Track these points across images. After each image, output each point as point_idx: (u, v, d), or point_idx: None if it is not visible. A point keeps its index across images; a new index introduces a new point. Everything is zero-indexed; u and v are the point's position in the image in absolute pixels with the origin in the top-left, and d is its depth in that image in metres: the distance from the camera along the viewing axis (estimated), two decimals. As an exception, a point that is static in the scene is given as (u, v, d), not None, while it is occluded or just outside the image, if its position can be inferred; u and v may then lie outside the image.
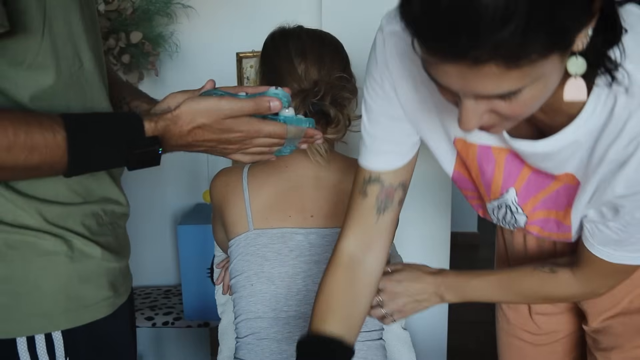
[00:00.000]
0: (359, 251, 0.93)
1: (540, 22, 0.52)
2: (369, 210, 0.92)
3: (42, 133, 0.66)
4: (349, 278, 0.94)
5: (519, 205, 0.89)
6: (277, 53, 1.11)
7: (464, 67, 0.57)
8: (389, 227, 0.94)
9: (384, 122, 0.87)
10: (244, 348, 1.10)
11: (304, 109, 1.05)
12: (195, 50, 2.06)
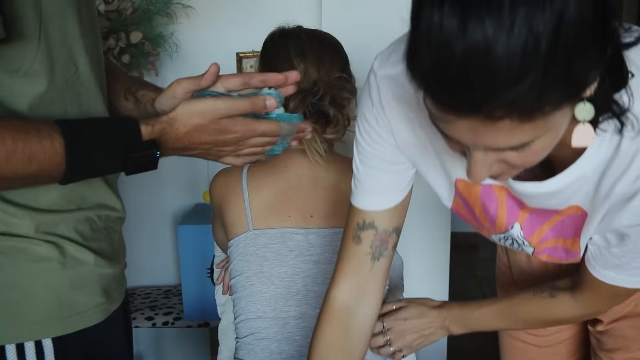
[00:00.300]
0: (352, 299, 0.92)
1: (556, 77, 0.51)
2: (364, 257, 0.90)
3: (40, 141, 0.65)
4: (344, 328, 0.92)
5: (525, 239, 0.89)
6: (276, 53, 1.11)
7: (476, 121, 0.55)
8: (384, 272, 0.93)
9: (379, 165, 0.86)
10: (244, 348, 1.10)
11: (303, 108, 1.05)
12: (195, 50, 2.06)
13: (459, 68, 0.51)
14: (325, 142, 1.09)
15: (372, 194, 0.88)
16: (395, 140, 0.82)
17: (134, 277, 2.24)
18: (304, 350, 1.07)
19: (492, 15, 0.48)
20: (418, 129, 0.79)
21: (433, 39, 0.52)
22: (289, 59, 1.09)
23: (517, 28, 0.48)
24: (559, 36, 0.49)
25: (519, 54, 0.49)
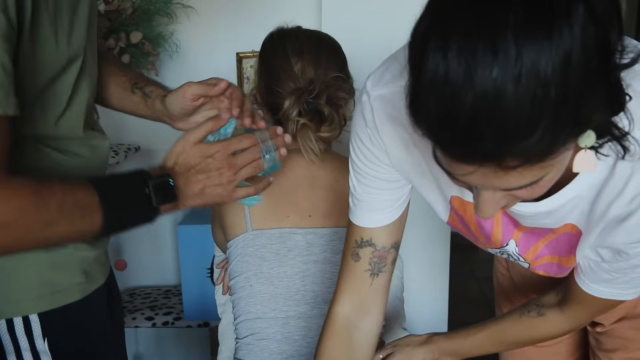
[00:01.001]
0: (354, 315, 0.92)
1: (566, 121, 0.50)
2: (363, 274, 0.90)
3: (82, 190, 0.73)
4: (346, 343, 0.92)
5: (520, 255, 0.89)
6: (274, 52, 1.12)
7: (486, 168, 0.53)
8: (384, 287, 0.93)
9: (375, 184, 0.85)
10: (244, 349, 1.10)
11: (299, 107, 1.05)
12: (195, 50, 2.06)
13: (468, 119, 0.49)
14: (320, 140, 1.09)
15: (369, 211, 0.88)
16: (389, 159, 0.81)
17: (134, 277, 2.24)
18: (304, 350, 1.07)
19: (499, 62, 0.47)
20: (412, 148, 0.78)
21: (439, 89, 0.50)
22: (286, 58, 1.09)
23: (525, 75, 0.47)
24: (567, 80, 0.48)
25: (529, 102, 0.47)
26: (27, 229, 0.69)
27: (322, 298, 1.08)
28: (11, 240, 0.69)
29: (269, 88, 1.10)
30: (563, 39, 0.47)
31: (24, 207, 0.68)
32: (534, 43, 0.47)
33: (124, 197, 0.79)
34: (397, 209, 0.89)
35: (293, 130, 1.07)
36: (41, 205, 0.69)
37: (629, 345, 1.02)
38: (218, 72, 2.22)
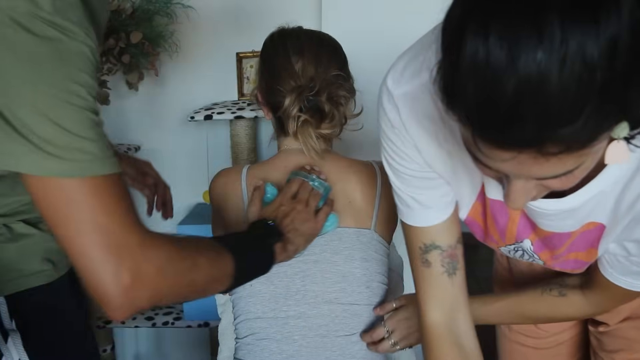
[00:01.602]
0: (447, 319, 0.90)
1: (611, 108, 0.49)
2: (440, 277, 0.89)
3: (224, 266, 0.84)
4: (454, 346, 0.90)
5: (535, 253, 0.88)
6: (275, 51, 1.12)
7: (524, 155, 0.52)
8: (464, 283, 0.91)
9: (417, 183, 0.83)
10: (244, 348, 1.10)
11: (300, 104, 1.05)
12: (195, 50, 2.06)
13: (511, 104, 0.48)
14: (321, 138, 1.09)
15: (423, 210, 0.86)
16: (422, 156, 0.80)
17: (134, 277, 2.24)
18: (304, 350, 1.07)
19: (544, 46, 0.46)
20: (443, 142, 0.77)
21: (480, 74, 0.49)
22: (287, 57, 1.09)
23: (571, 58, 0.46)
24: (614, 64, 0.47)
25: (574, 86, 0.46)
26: (176, 275, 0.74)
27: (322, 298, 1.08)
28: (169, 282, 0.73)
29: (270, 87, 1.10)
30: (610, 22, 0.46)
31: (171, 253, 0.73)
32: (580, 26, 0.46)
33: (242, 240, 0.93)
34: (448, 204, 0.86)
35: (294, 128, 1.07)
36: (183, 250, 0.76)
37: (633, 345, 1.02)
38: (218, 72, 2.23)
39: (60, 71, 0.64)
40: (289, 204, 1.02)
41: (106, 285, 0.67)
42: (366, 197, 1.13)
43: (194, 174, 2.18)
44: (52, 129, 0.63)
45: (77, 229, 0.67)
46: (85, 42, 0.66)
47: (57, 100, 0.64)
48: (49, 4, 0.63)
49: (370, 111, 1.19)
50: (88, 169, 0.66)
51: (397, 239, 1.33)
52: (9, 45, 0.62)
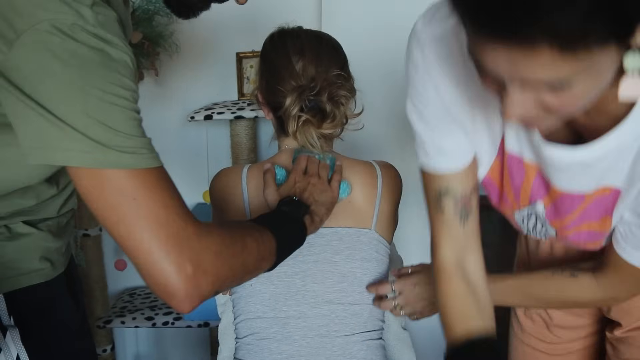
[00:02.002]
0: (458, 257, 0.91)
1: (605, 7, 0.48)
2: (452, 222, 0.89)
3: (260, 233, 0.86)
4: (464, 283, 0.91)
5: (547, 219, 0.88)
6: (275, 51, 1.12)
7: (515, 49, 0.52)
8: (477, 229, 0.92)
9: (439, 125, 0.83)
10: (244, 348, 1.10)
11: (300, 104, 1.05)
12: (195, 50, 2.06)
13: None
14: (322, 138, 1.09)
15: (439, 156, 0.86)
16: (442, 100, 0.81)
17: (135, 277, 2.24)
18: (304, 350, 1.07)
19: None
20: (464, 86, 0.78)
21: None
22: (287, 57, 1.09)
23: None
24: None
25: None
26: (232, 257, 0.76)
27: (322, 298, 1.08)
28: (227, 265, 0.75)
29: (271, 87, 1.10)
30: None
31: (224, 238, 0.76)
32: None
33: (275, 218, 0.96)
34: (466, 154, 0.86)
35: (294, 127, 1.07)
36: (233, 233, 0.79)
37: None
38: (218, 72, 2.24)
39: (107, 77, 0.68)
40: (303, 179, 1.06)
41: (170, 278, 0.68)
42: (367, 197, 1.13)
43: (194, 174, 2.18)
44: (103, 130, 0.66)
45: (136, 224, 0.68)
46: (124, 51, 0.70)
47: (106, 103, 0.67)
48: (93, 17, 0.67)
49: (371, 111, 1.20)
50: (143, 162, 0.69)
51: (397, 239, 1.33)
52: (56, 53, 0.65)
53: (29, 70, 0.65)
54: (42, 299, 0.93)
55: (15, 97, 0.66)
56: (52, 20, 0.65)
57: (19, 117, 0.68)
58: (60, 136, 0.66)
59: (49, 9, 0.65)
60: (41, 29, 0.65)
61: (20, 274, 0.90)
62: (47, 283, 0.93)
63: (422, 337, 2.00)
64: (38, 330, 0.91)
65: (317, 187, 1.06)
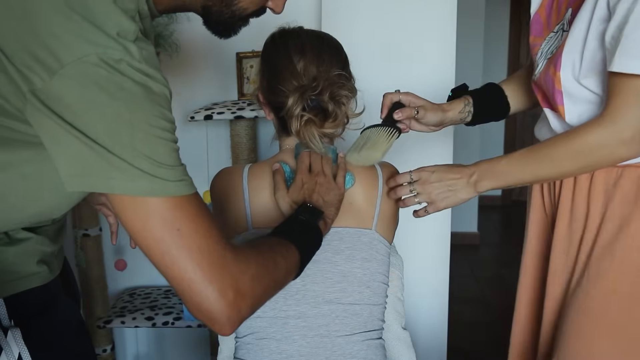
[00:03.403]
0: None
1: None
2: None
3: (285, 248, 0.90)
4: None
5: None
6: (276, 51, 1.12)
7: None
8: None
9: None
10: (244, 348, 1.10)
11: (302, 103, 1.05)
12: (195, 50, 2.06)
13: None
14: (324, 137, 1.09)
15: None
16: None
17: (134, 277, 2.24)
18: (304, 349, 1.07)
19: None
20: None
21: None
22: (288, 57, 1.09)
23: None
24: None
25: None
26: (264, 276, 0.80)
27: (323, 298, 1.08)
28: (261, 290, 0.79)
29: (272, 87, 1.10)
30: None
31: (257, 258, 0.80)
32: None
33: (295, 229, 0.97)
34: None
35: (297, 127, 1.07)
36: (263, 253, 0.83)
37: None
38: (218, 72, 2.23)
39: (152, 110, 0.71)
40: (310, 179, 1.07)
41: (214, 305, 0.72)
42: (368, 197, 1.13)
43: (194, 174, 2.17)
44: (148, 162, 0.69)
45: (180, 255, 0.71)
46: (164, 84, 0.74)
47: (151, 136, 0.70)
48: (138, 52, 0.70)
49: (372, 110, 1.20)
50: (185, 189, 0.73)
51: (397, 239, 1.33)
52: (103, 86, 0.67)
53: (73, 100, 0.67)
54: (40, 301, 0.94)
55: (55, 123, 0.68)
56: (101, 54, 0.67)
57: (59, 144, 0.69)
58: (103, 165, 0.68)
59: (98, 43, 0.67)
60: (89, 61, 0.66)
61: (19, 278, 0.90)
62: (44, 286, 0.94)
63: (422, 337, 2.00)
64: (39, 330, 0.91)
65: (324, 186, 1.07)
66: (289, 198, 1.07)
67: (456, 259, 2.10)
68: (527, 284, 1.26)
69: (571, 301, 1.10)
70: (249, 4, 0.91)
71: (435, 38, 1.84)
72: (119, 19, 0.70)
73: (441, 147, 1.90)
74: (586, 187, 1.10)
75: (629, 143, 0.96)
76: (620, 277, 1.06)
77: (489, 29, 4.28)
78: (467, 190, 1.09)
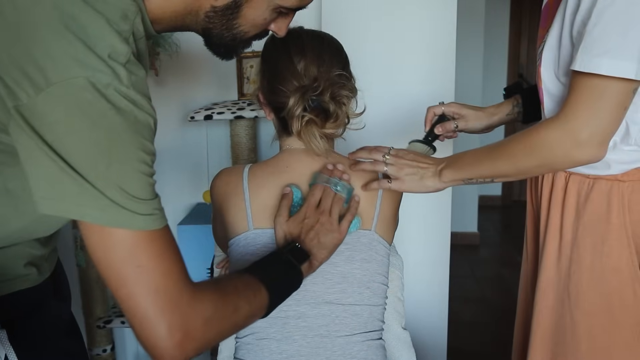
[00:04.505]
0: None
1: None
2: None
3: (254, 292, 0.88)
4: None
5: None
6: (277, 51, 1.12)
7: None
8: None
9: None
10: (243, 348, 1.10)
11: (304, 104, 1.05)
12: (195, 50, 2.06)
13: None
14: (324, 137, 1.09)
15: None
16: None
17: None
18: (304, 350, 1.07)
19: None
20: None
21: None
22: (289, 57, 1.09)
23: None
24: None
25: None
26: (221, 320, 0.80)
27: (323, 298, 1.08)
28: (212, 334, 0.79)
29: (272, 87, 1.10)
30: None
31: (216, 302, 0.79)
32: None
33: (274, 270, 0.96)
34: None
35: (298, 128, 1.07)
36: (226, 297, 0.82)
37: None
38: (218, 72, 2.23)
39: (132, 141, 0.70)
40: (314, 215, 1.05)
41: (159, 342, 0.73)
42: (368, 198, 1.13)
43: (194, 174, 2.18)
44: (120, 194, 0.69)
45: (136, 290, 0.72)
46: (149, 113, 0.72)
47: (127, 168, 0.70)
48: (127, 77, 0.69)
49: (372, 110, 1.20)
50: (152, 224, 0.72)
51: (397, 239, 1.33)
52: (86, 111, 0.67)
53: (55, 121, 0.67)
54: (29, 302, 0.93)
55: (34, 143, 0.67)
56: (89, 76, 0.66)
57: (35, 165, 0.69)
58: (76, 191, 0.68)
59: (88, 65, 0.67)
60: (76, 83, 0.66)
61: (6, 280, 0.90)
62: (33, 288, 0.94)
63: (422, 337, 2.00)
64: (27, 331, 0.91)
65: (325, 226, 1.04)
66: (286, 228, 1.05)
67: (456, 259, 2.10)
68: (526, 291, 1.26)
69: (558, 321, 1.10)
70: (250, 28, 0.89)
71: (435, 38, 1.84)
72: (112, 41, 0.69)
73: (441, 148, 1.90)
74: (560, 199, 1.09)
75: (583, 145, 0.91)
76: (601, 299, 1.04)
77: (489, 29, 4.28)
78: (433, 179, 1.08)
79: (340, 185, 1.07)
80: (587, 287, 1.05)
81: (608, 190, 1.03)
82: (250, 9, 0.86)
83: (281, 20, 0.92)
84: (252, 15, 0.86)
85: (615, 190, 1.02)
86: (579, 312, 1.06)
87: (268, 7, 0.87)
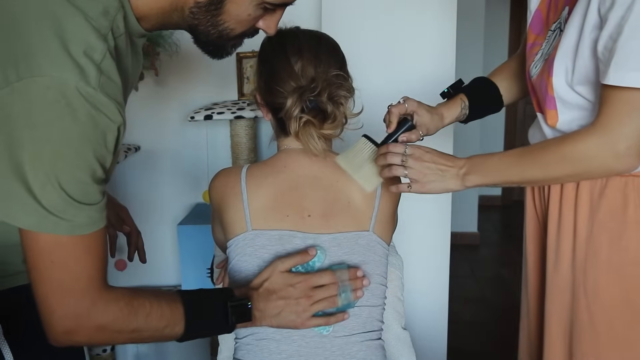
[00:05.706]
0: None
1: None
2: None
3: (169, 304, 0.88)
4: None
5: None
6: (274, 52, 1.12)
7: None
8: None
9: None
10: (243, 348, 1.10)
11: (301, 105, 1.05)
12: (196, 50, 2.06)
13: None
14: (322, 138, 1.09)
15: None
16: None
17: (135, 277, 2.24)
18: (303, 350, 1.07)
19: None
20: None
21: None
22: (286, 57, 1.09)
23: None
24: None
25: None
26: (117, 332, 0.83)
27: None
28: (104, 339, 0.84)
29: (270, 88, 1.10)
30: None
31: (117, 316, 0.82)
32: None
33: (206, 312, 0.93)
34: None
35: (295, 129, 1.07)
36: (132, 315, 0.84)
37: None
38: (218, 72, 2.23)
39: (84, 147, 0.71)
40: (303, 292, 1.01)
41: (52, 330, 0.80)
42: (366, 198, 1.13)
43: (194, 174, 2.18)
44: (57, 196, 0.71)
45: (43, 279, 0.77)
46: (113, 119, 0.73)
47: (71, 173, 0.71)
48: (95, 79, 0.70)
49: (370, 110, 1.20)
50: (80, 229, 0.75)
51: (397, 239, 1.33)
52: (44, 110, 0.68)
53: (15, 114, 0.68)
54: (26, 299, 0.93)
55: None
56: (56, 77, 0.67)
57: None
58: (7, 191, 0.71)
59: (57, 64, 0.67)
60: (41, 83, 0.67)
61: (4, 276, 0.91)
62: (29, 284, 0.95)
63: (422, 337, 2.00)
64: (23, 326, 0.92)
65: (298, 307, 1.00)
66: (274, 277, 1.01)
67: (456, 259, 2.10)
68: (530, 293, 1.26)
69: (574, 317, 1.10)
70: (235, 24, 0.89)
71: (435, 38, 1.84)
72: (88, 37, 0.70)
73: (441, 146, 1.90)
74: (573, 197, 1.09)
75: (621, 156, 0.94)
76: (621, 293, 1.05)
77: (489, 29, 4.28)
78: (455, 181, 1.07)
79: (345, 295, 1.03)
80: (605, 281, 1.06)
81: (623, 187, 1.03)
82: (234, 5, 0.86)
83: (268, 17, 0.92)
84: (235, 10, 0.86)
85: (630, 185, 1.03)
86: (597, 307, 1.06)
87: (252, 3, 0.86)
